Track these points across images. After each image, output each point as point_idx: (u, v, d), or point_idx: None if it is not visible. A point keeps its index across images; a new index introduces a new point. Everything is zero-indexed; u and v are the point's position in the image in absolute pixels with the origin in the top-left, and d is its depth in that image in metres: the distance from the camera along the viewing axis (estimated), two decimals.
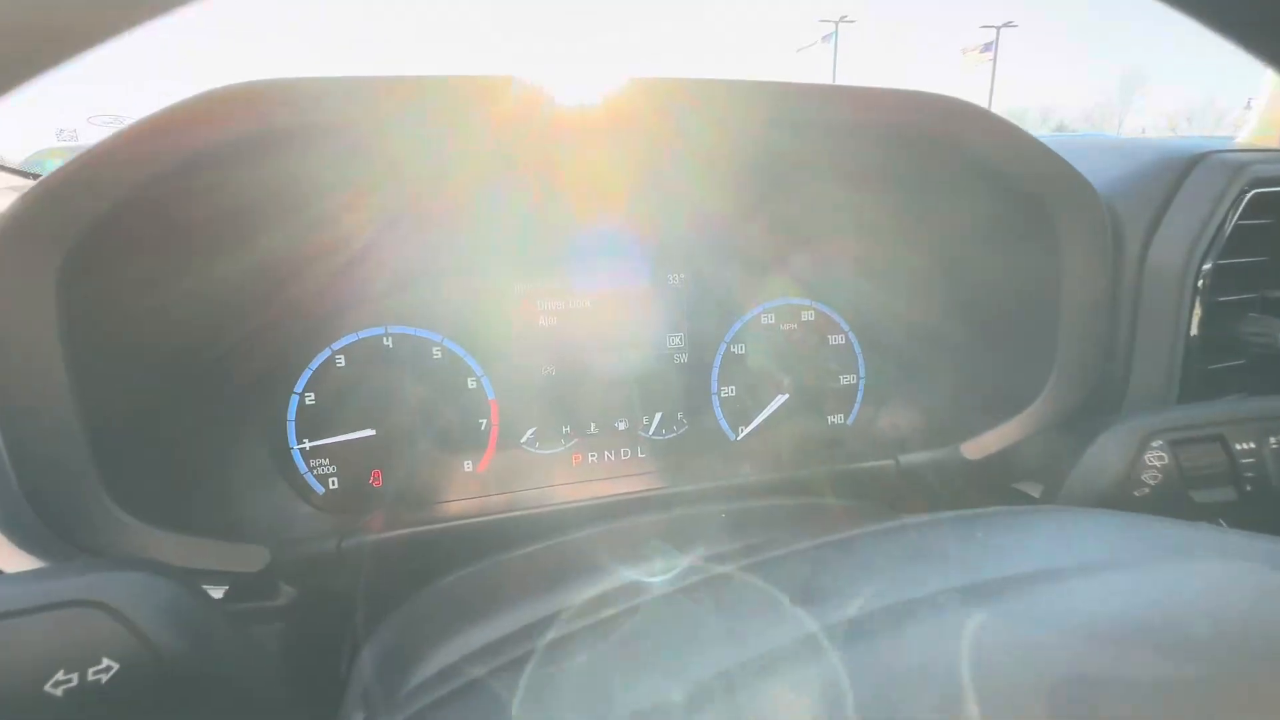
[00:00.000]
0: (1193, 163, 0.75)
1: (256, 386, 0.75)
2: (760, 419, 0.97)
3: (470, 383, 0.87)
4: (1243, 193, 0.72)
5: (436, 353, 0.85)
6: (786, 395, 0.97)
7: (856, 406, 1.02)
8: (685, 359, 0.95)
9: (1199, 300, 0.72)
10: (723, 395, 0.97)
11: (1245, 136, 1.02)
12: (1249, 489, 0.64)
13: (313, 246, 0.70)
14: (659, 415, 0.94)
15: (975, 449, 0.76)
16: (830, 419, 1.01)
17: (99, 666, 0.34)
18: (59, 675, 0.33)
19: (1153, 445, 0.62)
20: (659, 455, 0.95)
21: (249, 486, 0.68)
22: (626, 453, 0.94)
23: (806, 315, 0.99)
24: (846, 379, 1.01)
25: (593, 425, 0.92)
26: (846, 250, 0.93)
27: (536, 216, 0.81)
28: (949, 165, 0.69)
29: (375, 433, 0.82)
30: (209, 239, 0.57)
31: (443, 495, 0.86)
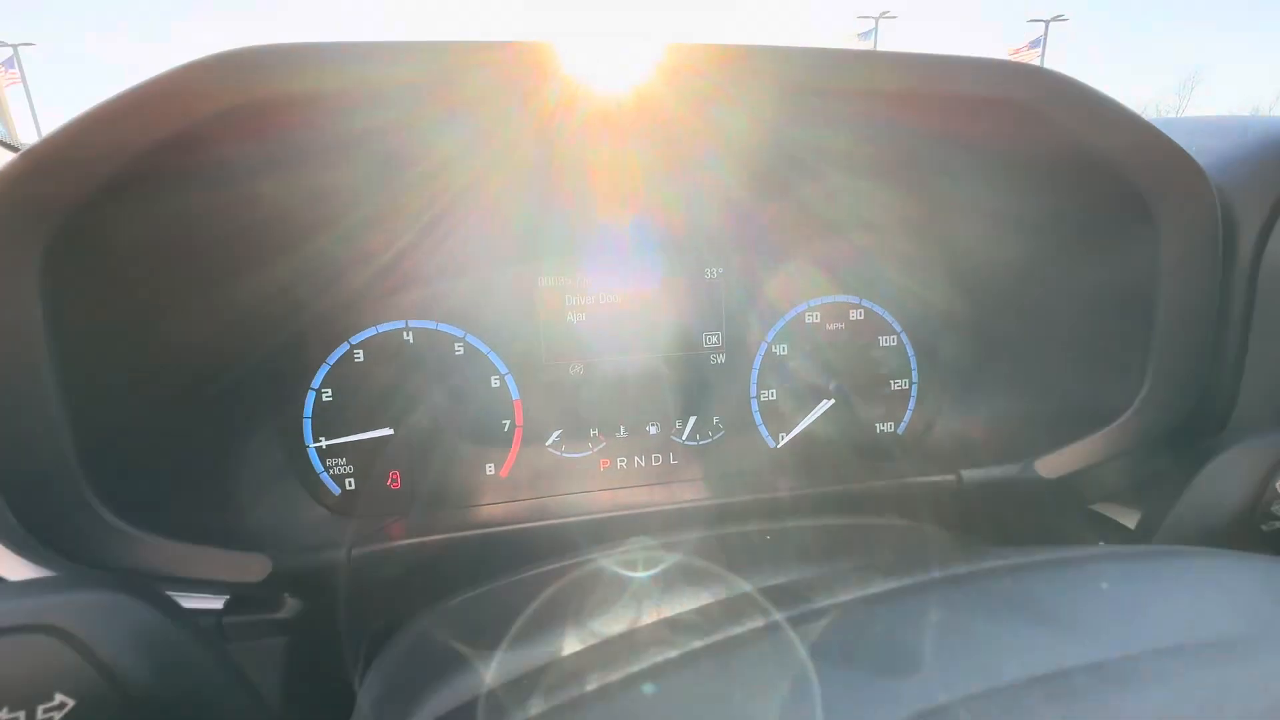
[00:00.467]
0: None
1: (269, 382, 0.71)
2: (803, 425, 0.90)
3: (493, 381, 0.82)
4: None
5: (458, 349, 0.80)
6: (831, 400, 0.90)
7: (908, 414, 0.94)
8: (723, 360, 0.88)
9: None
10: (762, 399, 0.90)
11: None
12: None
13: (327, 234, 0.66)
14: (693, 419, 0.88)
15: (1052, 466, 0.67)
16: (879, 427, 0.93)
17: (51, 703, 0.30)
18: (3, 714, 0.28)
19: None
20: (693, 462, 0.89)
21: (255, 489, 0.64)
22: (658, 459, 0.88)
23: (855, 314, 0.92)
24: (898, 384, 0.93)
25: (622, 428, 0.86)
26: (900, 243, 0.85)
27: (565, 205, 0.75)
28: (1029, 146, 0.61)
29: (394, 432, 0.78)
30: (211, 223, 0.53)
31: (463, 500, 0.81)
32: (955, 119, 0.60)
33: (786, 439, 0.90)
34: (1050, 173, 0.64)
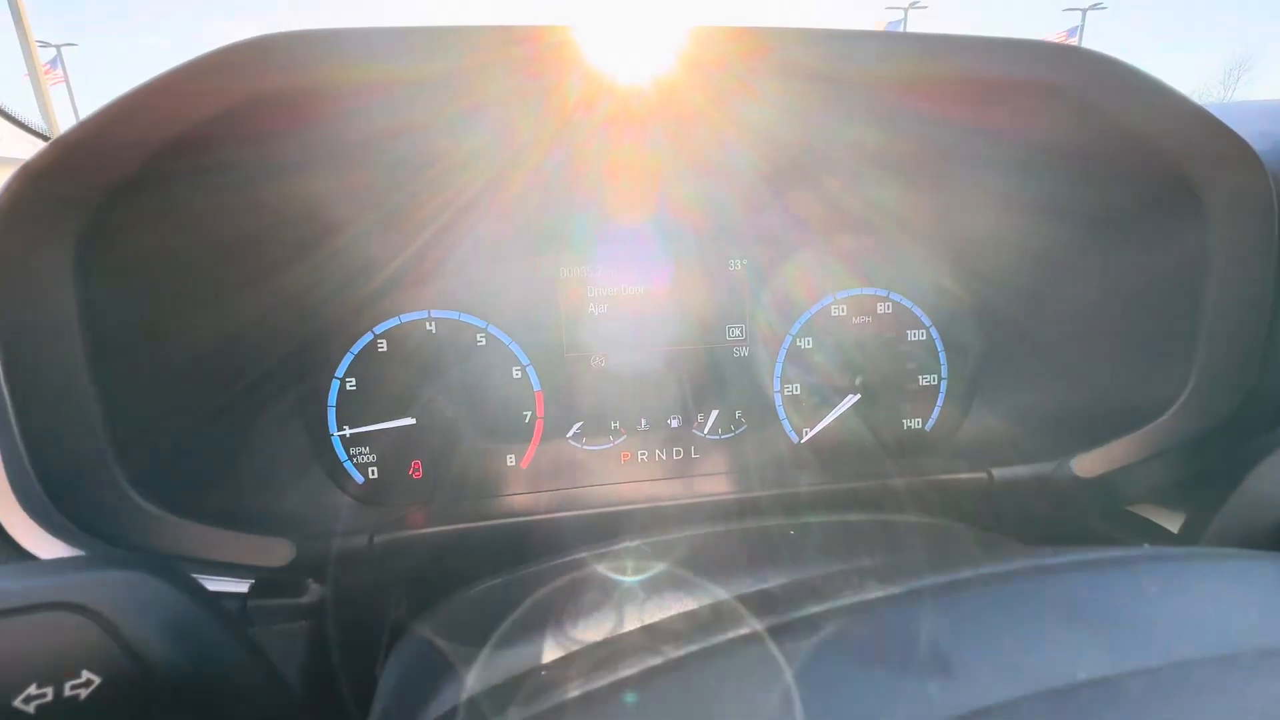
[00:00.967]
0: None
1: (295, 371, 0.72)
2: (827, 421, 0.88)
3: (515, 372, 0.82)
4: None
5: (480, 340, 0.80)
6: (857, 395, 0.88)
7: (937, 410, 0.92)
8: (746, 352, 0.87)
9: None
10: (786, 393, 0.89)
11: None
12: None
13: (353, 227, 0.66)
14: (715, 413, 0.87)
15: (1089, 465, 0.65)
16: (906, 424, 0.91)
17: (77, 680, 0.30)
18: (31, 689, 0.29)
19: None
20: (714, 456, 0.88)
21: (280, 475, 0.65)
22: (679, 452, 0.87)
23: (882, 308, 0.90)
24: (926, 379, 0.91)
25: (643, 421, 0.86)
26: (930, 235, 0.83)
27: (587, 196, 0.74)
28: (1069, 132, 0.59)
29: (416, 421, 0.78)
30: (239, 217, 0.54)
31: (484, 491, 0.81)
32: (990, 104, 0.57)
33: (810, 434, 0.89)
34: (1091, 159, 0.61)
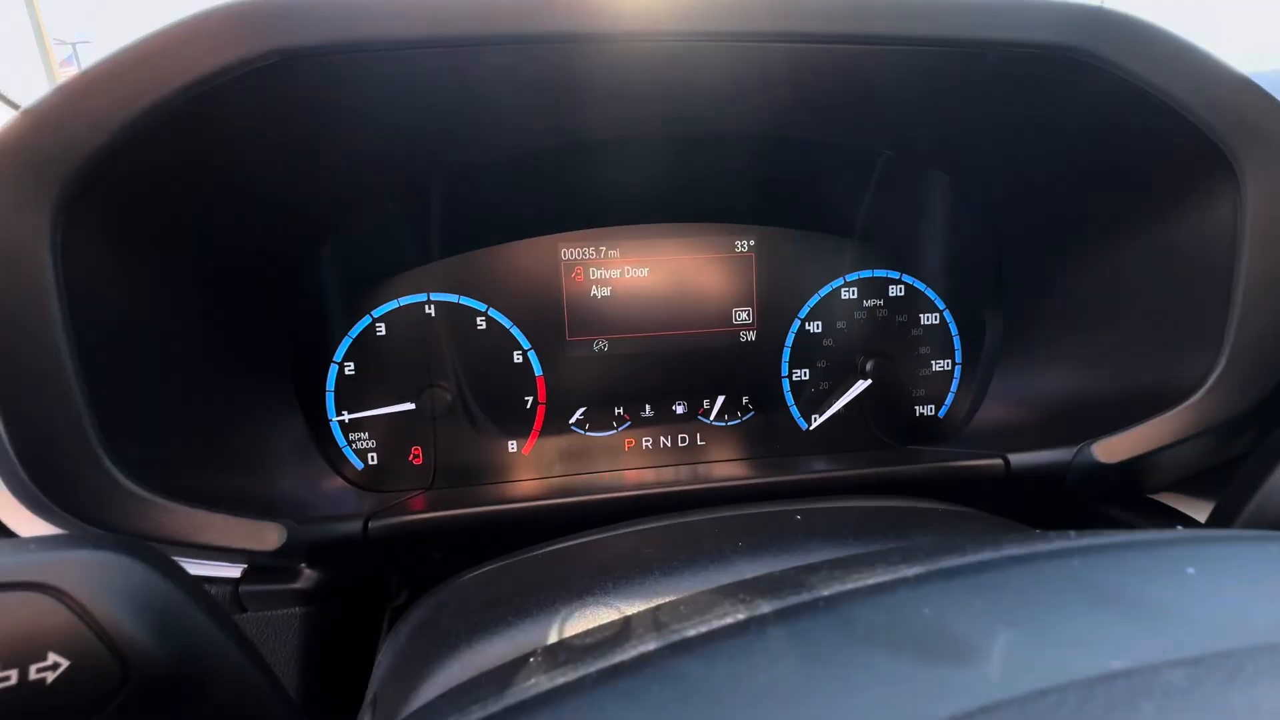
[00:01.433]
0: None
1: (289, 351, 0.71)
2: (837, 407, 0.86)
3: (516, 356, 0.80)
4: None
5: (481, 323, 0.79)
6: (868, 381, 0.85)
7: (951, 396, 0.89)
8: (753, 337, 0.85)
9: None
10: (794, 379, 0.86)
11: None
12: None
13: (347, 199, 0.64)
14: (722, 399, 0.85)
15: (1112, 450, 0.62)
16: (919, 409, 0.89)
17: (44, 663, 0.29)
18: None
19: None
20: (721, 443, 0.86)
21: (274, 458, 0.64)
22: (684, 439, 0.85)
23: (895, 290, 0.87)
24: (940, 364, 0.88)
25: (648, 407, 0.84)
26: (945, 213, 0.80)
27: (589, 175, 0.72)
28: (1091, 99, 0.56)
29: (415, 406, 0.77)
30: (228, 179, 0.52)
31: (484, 477, 0.80)
32: (1008, 71, 0.54)
33: (819, 420, 0.86)
34: (1115, 127, 0.58)
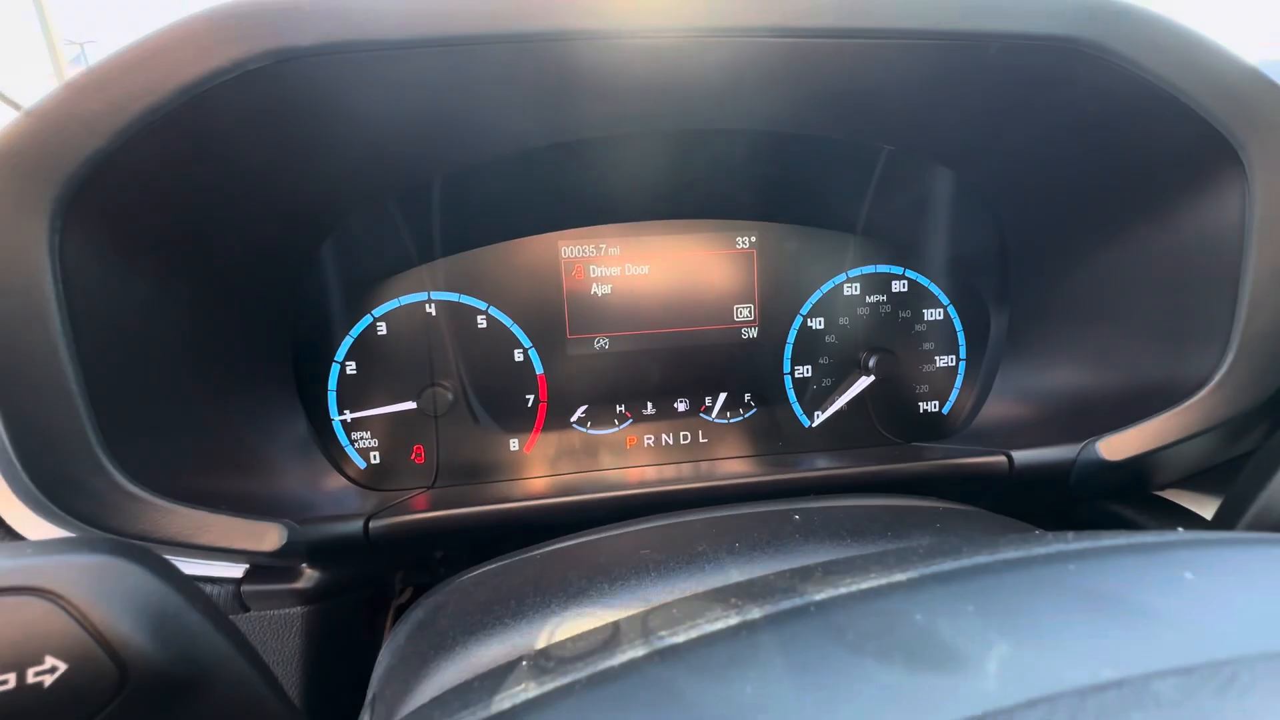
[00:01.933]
0: None
1: (293, 353, 0.71)
2: (839, 404, 0.85)
3: (517, 355, 0.80)
4: None
5: (482, 322, 0.79)
6: (871, 378, 0.84)
7: (955, 392, 0.88)
8: (754, 334, 0.84)
9: None
10: (796, 376, 0.86)
11: None
12: None
13: (347, 198, 0.64)
14: (723, 396, 0.85)
15: (1117, 447, 0.61)
16: (922, 406, 0.88)
17: (41, 667, 0.29)
18: None
19: None
20: (723, 440, 0.85)
21: (274, 458, 0.64)
22: (686, 436, 0.85)
23: (898, 285, 0.86)
24: (944, 360, 0.88)
25: (649, 405, 0.84)
26: (948, 207, 0.79)
27: (589, 172, 0.72)
28: (1094, 90, 0.55)
29: (416, 405, 0.77)
30: (226, 180, 0.52)
31: (486, 476, 0.80)
32: (1011, 63, 0.54)
33: (822, 417, 0.86)
34: (1119, 119, 0.57)
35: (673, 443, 0.85)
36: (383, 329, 0.77)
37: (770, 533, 0.45)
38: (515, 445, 0.81)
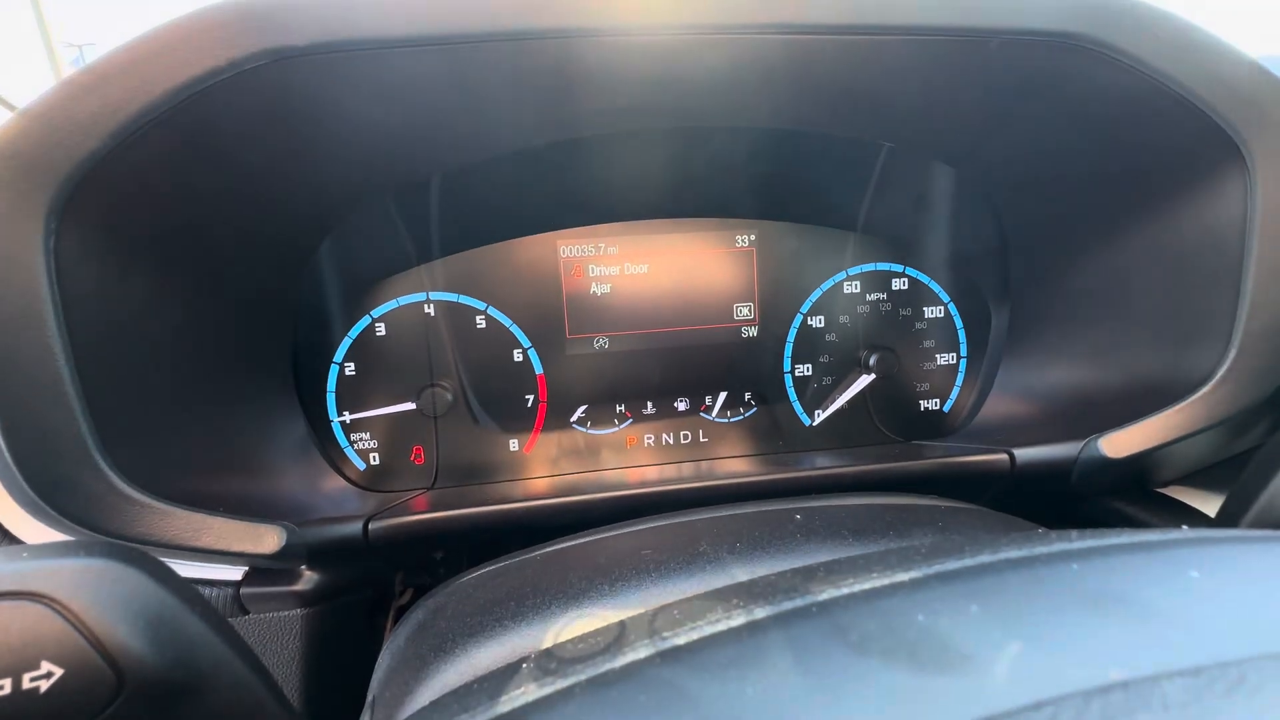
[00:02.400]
0: None
1: (292, 354, 0.71)
2: (840, 402, 0.85)
3: (516, 355, 0.80)
4: None
5: (481, 322, 0.79)
6: (871, 376, 0.84)
7: (956, 390, 0.88)
8: (754, 332, 0.84)
9: None
10: (797, 374, 0.86)
11: None
12: None
13: (344, 196, 0.64)
14: (724, 395, 0.84)
15: (1119, 445, 0.61)
16: (923, 404, 0.88)
17: (37, 672, 0.29)
18: None
19: None
20: (723, 439, 0.85)
21: (273, 460, 0.64)
22: (687, 436, 0.85)
23: (898, 283, 0.86)
24: (944, 358, 0.87)
25: (649, 404, 0.83)
26: (948, 204, 0.79)
27: (589, 167, 0.72)
28: (1095, 85, 0.54)
29: (416, 406, 0.77)
30: (223, 180, 0.52)
31: (486, 476, 0.80)
32: (1011, 59, 0.53)
33: (822, 416, 0.86)
34: (1120, 115, 0.57)
35: (673, 442, 0.85)
36: (382, 329, 0.76)
37: (771, 532, 0.45)
38: (515, 445, 0.81)
